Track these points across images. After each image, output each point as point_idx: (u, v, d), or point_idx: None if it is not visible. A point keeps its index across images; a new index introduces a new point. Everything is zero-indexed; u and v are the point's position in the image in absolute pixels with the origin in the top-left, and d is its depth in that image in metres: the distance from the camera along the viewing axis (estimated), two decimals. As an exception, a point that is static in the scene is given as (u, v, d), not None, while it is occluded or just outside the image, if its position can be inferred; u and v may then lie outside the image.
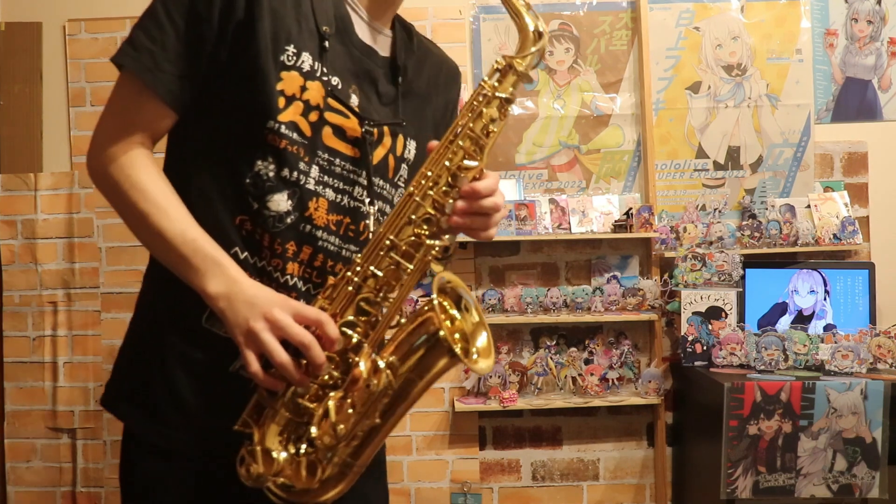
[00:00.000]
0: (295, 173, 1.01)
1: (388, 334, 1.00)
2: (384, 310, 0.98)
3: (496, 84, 1.01)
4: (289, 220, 1.02)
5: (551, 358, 2.73)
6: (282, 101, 0.99)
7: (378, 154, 1.10)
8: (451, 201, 0.99)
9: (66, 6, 2.78)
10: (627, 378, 2.75)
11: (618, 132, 2.85)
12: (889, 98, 2.86)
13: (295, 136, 1.01)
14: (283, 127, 0.99)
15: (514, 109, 2.84)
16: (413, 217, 0.99)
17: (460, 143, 1.00)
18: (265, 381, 0.93)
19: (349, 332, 0.97)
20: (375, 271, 0.98)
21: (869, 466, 2.25)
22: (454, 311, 1.02)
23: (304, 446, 0.96)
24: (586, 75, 2.85)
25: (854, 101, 2.86)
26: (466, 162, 1.00)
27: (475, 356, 1.00)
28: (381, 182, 1.11)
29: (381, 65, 1.13)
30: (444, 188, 1.00)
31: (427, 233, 0.99)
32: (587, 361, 2.74)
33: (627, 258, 2.83)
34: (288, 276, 1.03)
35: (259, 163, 1.00)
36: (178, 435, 1.03)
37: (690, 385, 2.66)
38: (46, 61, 2.79)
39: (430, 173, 0.99)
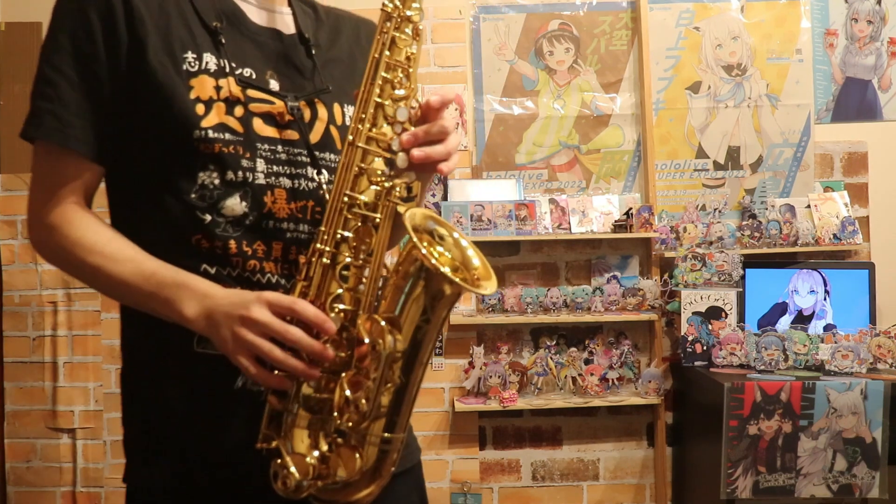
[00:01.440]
0: (240, 173, 0.98)
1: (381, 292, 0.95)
2: (367, 271, 0.93)
3: (399, 4, 0.96)
4: (248, 222, 0.98)
5: (551, 358, 2.73)
6: (201, 108, 0.96)
7: (318, 129, 1.06)
8: (395, 137, 0.94)
9: (66, 6, 2.78)
10: (627, 378, 2.75)
11: (618, 132, 2.85)
12: (889, 98, 2.86)
13: (227, 136, 0.97)
14: (210, 132, 0.96)
15: (515, 109, 2.85)
16: (362, 165, 0.94)
17: (383, 74, 0.95)
18: (271, 381, 0.89)
19: (339, 305, 0.92)
20: (343, 233, 0.93)
21: (869, 466, 2.25)
22: (437, 247, 0.96)
23: (333, 438, 0.91)
24: (586, 75, 2.85)
25: (854, 101, 2.86)
26: (396, 91, 0.95)
27: (477, 279, 0.95)
28: (331, 156, 1.07)
29: (290, 43, 1.09)
30: (383, 126, 0.95)
31: (383, 177, 0.94)
32: (587, 361, 2.74)
33: (627, 258, 2.83)
34: (269, 275, 0.99)
35: (201, 174, 0.96)
36: (189, 470, 0.98)
37: (690, 385, 2.66)
38: (46, 61, 2.79)
39: (363, 115, 0.94)
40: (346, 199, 0.93)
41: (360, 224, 0.93)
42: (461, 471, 2.78)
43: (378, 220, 0.94)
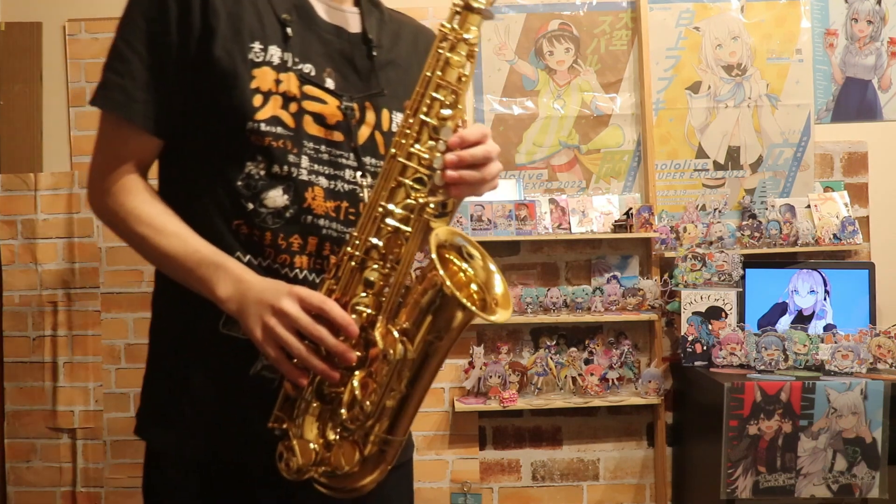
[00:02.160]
0: (286, 167, 1.02)
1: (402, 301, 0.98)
2: (392, 279, 0.97)
3: (457, 27, 0.98)
4: (288, 214, 1.02)
5: (551, 358, 2.73)
6: (258, 99, 1.00)
7: (363, 133, 1.09)
8: (438, 155, 0.97)
9: (66, 6, 2.78)
10: (627, 378, 2.75)
11: (618, 132, 2.85)
12: (889, 98, 2.86)
13: (279, 129, 1.01)
14: (263, 125, 1.00)
15: (514, 109, 2.85)
16: (401, 179, 0.97)
17: (433, 94, 0.97)
18: (293, 374, 0.93)
19: (361, 308, 0.95)
20: (375, 242, 0.96)
21: (869, 466, 2.25)
22: (461, 264, 0.99)
23: (338, 431, 0.95)
24: (586, 75, 2.85)
25: (854, 101, 2.86)
26: (444, 111, 0.97)
27: (495, 305, 0.97)
28: (373, 160, 1.10)
29: (354, 41, 1.11)
30: (427, 143, 0.97)
31: (420, 192, 0.97)
32: (587, 361, 2.74)
33: (627, 258, 2.83)
34: (297, 271, 1.03)
35: (249, 164, 1.01)
36: (204, 444, 1.03)
37: (690, 385, 2.66)
38: (46, 61, 2.79)
39: (408, 130, 0.97)
40: (380, 209, 0.96)
41: (391, 234, 0.97)
42: (461, 471, 2.78)
43: (409, 233, 0.97)
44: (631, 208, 2.73)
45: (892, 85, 2.87)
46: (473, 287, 0.99)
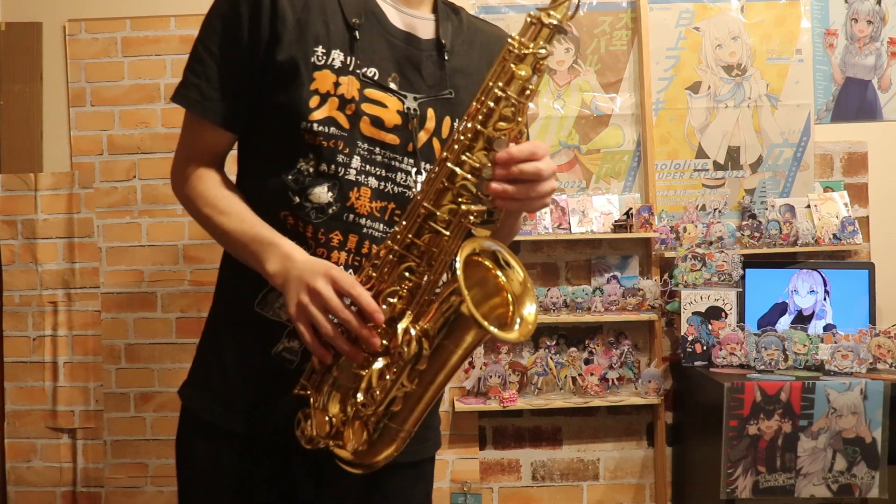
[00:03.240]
0: (333, 166, 1.07)
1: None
2: (425, 278, 1.00)
3: (525, 40, 0.99)
4: (331, 211, 1.08)
5: (551, 358, 2.73)
6: (315, 100, 1.06)
7: (420, 139, 1.12)
8: (489, 166, 0.98)
9: (66, 6, 2.78)
10: (627, 378, 2.75)
11: (618, 132, 2.85)
12: (889, 98, 2.87)
13: (332, 130, 1.07)
14: (316, 125, 1.06)
15: (514, 109, 2.84)
16: (447, 183, 0.98)
17: (491, 104, 0.98)
18: (318, 351, 0.99)
19: (393, 300, 0.99)
20: (414, 240, 0.99)
21: (869, 466, 2.25)
22: (497, 272, 1.01)
23: (352, 410, 0.99)
24: (586, 75, 2.86)
25: (854, 102, 2.86)
26: (501, 123, 0.98)
27: (517, 323, 0.99)
28: (428, 166, 1.12)
29: (425, 48, 1.14)
30: (479, 152, 0.98)
31: (465, 199, 0.99)
32: (587, 361, 2.75)
33: (627, 258, 2.83)
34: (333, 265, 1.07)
35: (301, 161, 1.08)
36: (225, 412, 1.12)
37: (690, 385, 2.66)
38: (46, 61, 2.79)
39: (462, 137, 0.98)
40: (423, 210, 0.99)
41: (431, 235, 0.99)
42: (461, 471, 2.78)
43: (447, 237, 0.99)
44: (631, 208, 2.73)
45: (892, 85, 2.87)
46: (506, 296, 1.01)
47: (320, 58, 1.07)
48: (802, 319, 2.66)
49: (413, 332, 0.97)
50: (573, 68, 2.85)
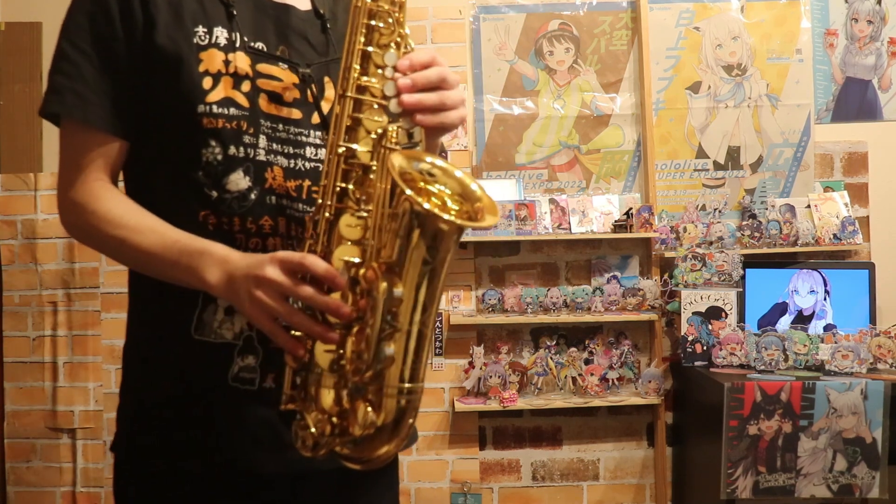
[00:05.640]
0: (242, 148, 0.99)
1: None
2: (370, 221, 0.90)
3: None
4: (253, 196, 0.99)
5: (551, 358, 2.73)
6: (208, 82, 0.98)
7: (323, 108, 1.06)
8: (388, 82, 0.92)
9: (65, 6, 2.77)
10: (627, 378, 2.75)
11: (618, 132, 2.85)
12: (889, 98, 2.86)
13: (232, 110, 0.99)
14: (215, 107, 0.98)
15: (515, 109, 2.85)
16: (356, 115, 0.92)
17: (367, 21, 0.93)
18: (288, 343, 0.89)
19: (346, 258, 0.90)
20: (343, 185, 0.91)
21: (869, 466, 2.25)
22: (432, 184, 0.92)
23: (350, 393, 0.89)
24: (586, 75, 2.85)
25: (854, 101, 2.86)
26: (382, 39, 0.93)
27: (479, 210, 0.90)
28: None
29: (306, 18, 1.08)
30: (374, 73, 0.93)
31: (378, 124, 0.92)
32: (587, 361, 2.74)
33: (627, 258, 2.83)
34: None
35: (204, 151, 0.98)
36: (190, 453, 0.99)
37: (690, 385, 2.66)
38: (46, 61, 2.78)
39: (351, 63, 0.92)
40: (341, 150, 0.91)
41: (359, 174, 0.92)
42: (461, 471, 2.78)
43: (374, 167, 0.91)
44: (631, 208, 2.73)
45: (892, 85, 2.86)
46: (450, 203, 0.92)
47: (203, 37, 0.99)
48: (802, 319, 2.66)
49: (377, 270, 0.87)
50: (573, 68, 2.85)
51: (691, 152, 2.85)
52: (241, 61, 1.00)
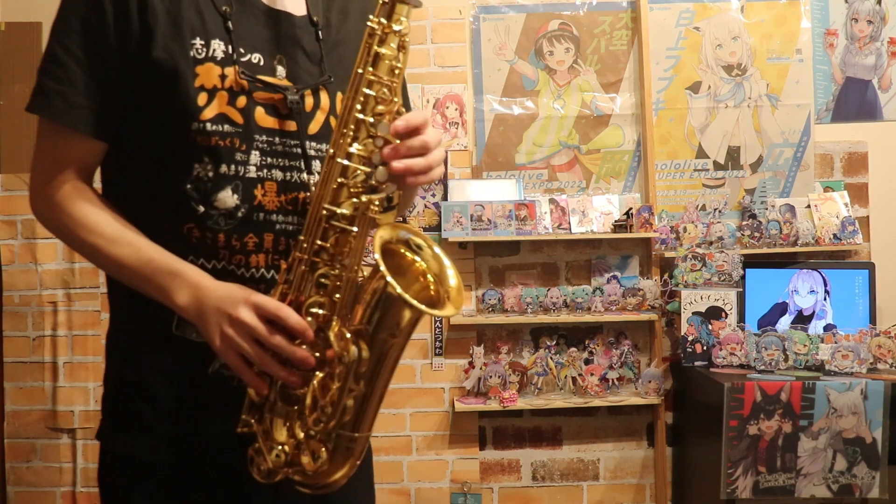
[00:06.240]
0: (233, 166, 1.00)
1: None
2: (343, 278, 0.96)
3: (384, 20, 0.96)
4: (240, 214, 1.01)
5: (551, 358, 2.73)
6: (203, 98, 0.98)
7: (318, 119, 1.07)
8: (377, 152, 0.96)
9: (66, 6, 2.78)
10: (627, 378, 2.75)
11: (618, 132, 2.85)
12: (889, 98, 2.86)
13: (226, 128, 0.99)
14: (208, 124, 0.98)
15: (515, 109, 2.85)
16: (341, 180, 0.96)
17: (366, 90, 0.96)
18: (254, 382, 0.94)
19: (315, 310, 0.95)
20: (322, 244, 0.96)
21: (869, 466, 2.25)
22: (413, 256, 1.00)
23: (304, 432, 0.96)
24: (586, 75, 2.85)
25: (854, 101, 2.86)
26: (379, 107, 0.96)
27: (447, 298, 0.98)
28: (328, 147, 1.06)
29: (302, 24, 1.08)
30: (364, 140, 0.96)
31: (362, 189, 0.96)
32: (587, 361, 2.74)
33: (627, 258, 2.83)
34: (253, 270, 1.02)
35: (196, 166, 0.99)
36: (166, 447, 1.02)
37: (690, 385, 2.66)
38: (46, 61, 2.79)
39: (345, 130, 0.96)
40: (324, 211, 0.95)
41: (338, 234, 0.96)
42: (461, 471, 2.78)
43: (355, 233, 0.96)
44: (631, 208, 2.73)
45: (892, 85, 2.86)
46: (429, 278, 0.99)
47: (200, 50, 0.98)
48: (802, 319, 2.66)
49: (348, 334, 0.94)
50: (573, 68, 2.85)
51: (691, 152, 2.85)
52: (238, 75, 1.00)
